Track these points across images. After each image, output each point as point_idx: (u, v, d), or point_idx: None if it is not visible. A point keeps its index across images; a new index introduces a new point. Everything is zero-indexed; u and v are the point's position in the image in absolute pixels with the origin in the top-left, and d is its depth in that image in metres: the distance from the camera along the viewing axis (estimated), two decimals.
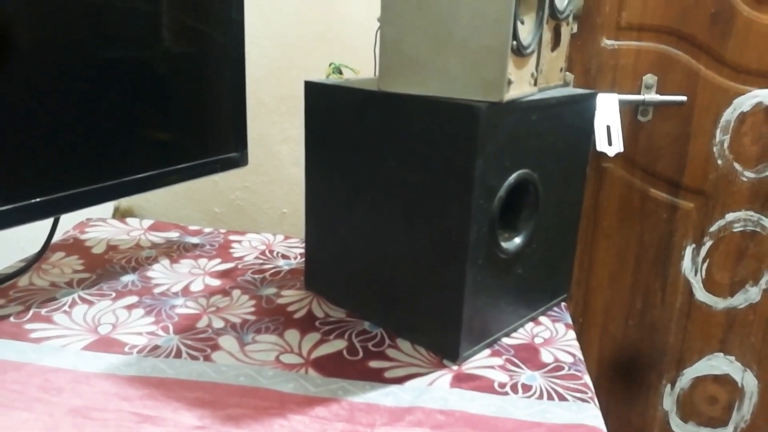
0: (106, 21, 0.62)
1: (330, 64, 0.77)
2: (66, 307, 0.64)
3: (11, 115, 0.56)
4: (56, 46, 0.59)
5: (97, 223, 0.89)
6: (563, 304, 0.70)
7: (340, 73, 0.88)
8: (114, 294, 0.67)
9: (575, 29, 1.06)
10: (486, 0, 0.49)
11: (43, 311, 0.63)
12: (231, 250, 0.82)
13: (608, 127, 1.00)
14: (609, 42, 1.08)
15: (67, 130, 0.60)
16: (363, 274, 0.62)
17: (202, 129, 0.76)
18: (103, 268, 0.75)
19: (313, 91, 0.63)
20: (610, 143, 0.98)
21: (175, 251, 0.81)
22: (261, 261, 0.79)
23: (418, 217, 0.55)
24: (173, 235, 0.87)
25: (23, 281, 0.70)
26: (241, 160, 0.80)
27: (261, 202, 1.11)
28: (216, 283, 0.72)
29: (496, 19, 0.49)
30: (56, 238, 0.81)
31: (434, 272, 0.55)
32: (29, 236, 0.75)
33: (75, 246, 0.81)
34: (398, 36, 0.53)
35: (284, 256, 0.81)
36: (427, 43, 0.52)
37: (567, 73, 0.63)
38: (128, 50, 0.65)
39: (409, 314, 0.58)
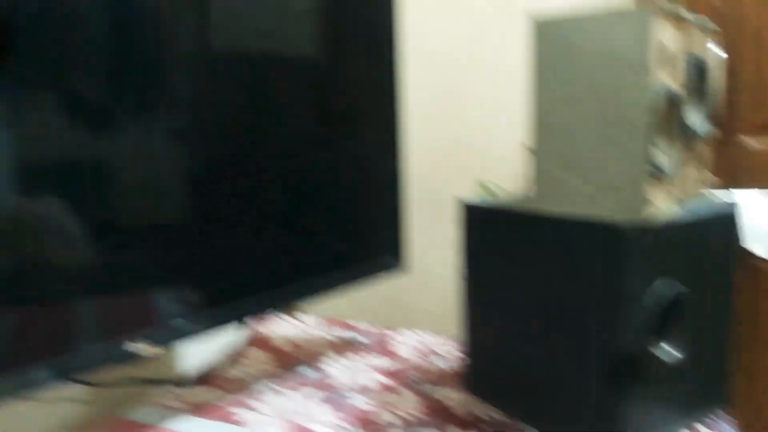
0: (271, 138, 0.74)
1: (478, 183, 0.87)
2: (263, 398, 0.76)
3: (208, 235, 0.70)
4: (233, 165, 0.71)
5: (275, 319, 1.03)
6: (726, 416, 0.69)
7: (488, 190, 0.97)
8: (299, 387, 0.79)
9: (714, 132, 1.08)
10: (622, 129, 0.56)
11: (244, 400, 0.75)
12: (392, 348, 0.91)
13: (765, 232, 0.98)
14: (750, 141, 1.08)
15: (247, 241, 0.73)
16: (518, 378, 0.67)
17: (364, 236, 0.88)
18: (287, 362, 0.87)
19: (467, 210, 0.72)
20: None
21: (344, 347, 0.92)
22: (420, 359, 0.87)
23: (570, 329, 0.60)
24: (341, 331, 0.98)
25: (226, 372, 0.84)
26: (399, 265, 0.90)
27: (412, 301, 1.20)
28: (383, 379, 0.80)
29: (633, 146, 0.56)
30: (245, 333, 0.95)
31: (587, 382, 0.59)
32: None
33: (262, 341, 0.94)
34: (547, 163, 0.62)
35: (441, 355, 0.88)
36: (572, 168, 0.60)
37: (709, 176, 0.66)
38: (292, 164, 0.77)
39: (564, 420, 0.62)
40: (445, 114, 1.13)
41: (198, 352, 0.90)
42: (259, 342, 0.94)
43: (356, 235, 0.87)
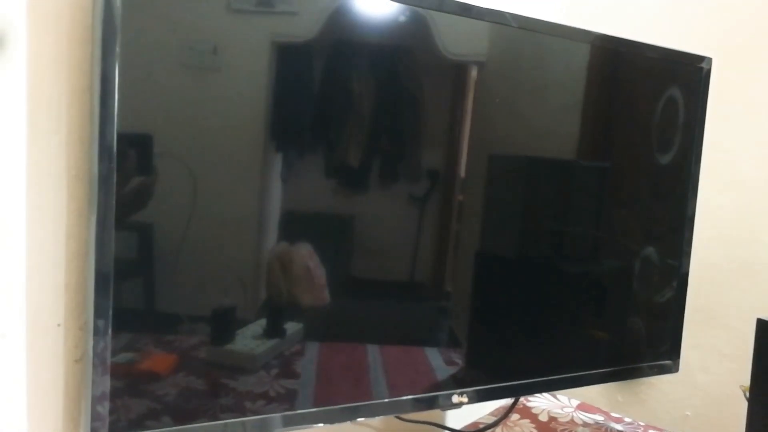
0: (562, 243, 0.79)
1: None
2: None
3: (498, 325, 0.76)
4: (524, 260, 0.77)
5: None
6: None
7: None
8: None
9: None
10: None
11: None
12: None
13: None
14: None
15: (523, 329, 0.77)
16: None
17: (642, 337, 0.87)
18: None
19: (765, 328, 0.59)
20: None
21: None
22: None
23: None
24: (598, 417, 1.00)
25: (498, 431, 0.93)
26: (672, 368, 0.87)
27: (664, 400, 1.13)
28: None
29: None
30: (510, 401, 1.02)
31: None
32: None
33: (525, 411, 1.01)
34: None
35: None
36: None
37: None
38: (578, 265, 0.81)
39: None
40: (734, 236, 1.07)
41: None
42: (522, 410, 1.00)
43: (639, 336, 0.87)
